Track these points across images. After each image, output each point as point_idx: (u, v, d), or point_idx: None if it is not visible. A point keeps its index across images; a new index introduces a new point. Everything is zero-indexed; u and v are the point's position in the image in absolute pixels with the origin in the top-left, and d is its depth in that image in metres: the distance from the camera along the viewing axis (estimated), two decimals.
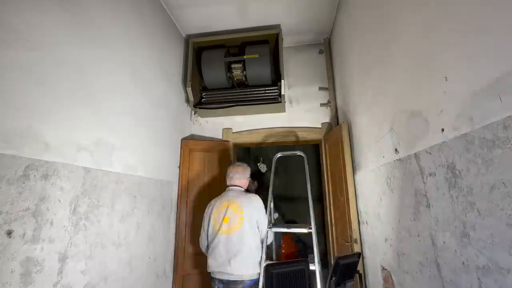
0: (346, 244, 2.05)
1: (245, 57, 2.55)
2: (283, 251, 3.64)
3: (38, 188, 1.10)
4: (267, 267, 1.41)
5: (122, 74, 1.75)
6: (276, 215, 2.95)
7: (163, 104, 2.33)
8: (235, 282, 1.72)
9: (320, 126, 2.75)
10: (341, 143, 2.19)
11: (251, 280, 1.74)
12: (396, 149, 1.35)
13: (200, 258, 2.39)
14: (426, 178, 1.07)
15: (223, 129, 2.86)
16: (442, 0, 0.93)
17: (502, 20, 0.69)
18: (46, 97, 1.18)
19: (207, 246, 1.88)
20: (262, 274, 1.72)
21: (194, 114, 2.89)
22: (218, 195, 2.02)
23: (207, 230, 1.89)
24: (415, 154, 1.14)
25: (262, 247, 1.85)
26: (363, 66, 1.83)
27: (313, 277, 1.62)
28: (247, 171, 2.10)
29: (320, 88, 2.80)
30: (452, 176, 0.90)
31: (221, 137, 2.84)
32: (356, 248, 1.93)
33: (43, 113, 1.16)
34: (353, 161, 2.11)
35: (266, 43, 2.70)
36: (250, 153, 4.59)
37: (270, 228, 1.95)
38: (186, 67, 2.71)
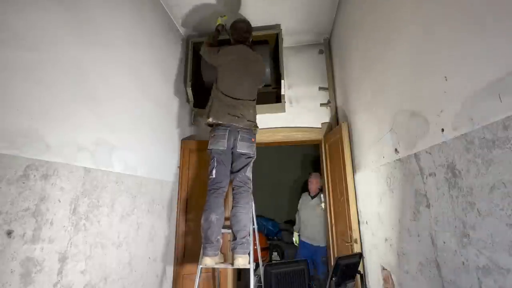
0: (346, 244, 2.05)
1: None
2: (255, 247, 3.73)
3: (38, 188, 1.10)
4: (266, 267, 1.41)
5: (122, 74, 1.75)
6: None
7: (163, 104, 2.33)
8: None
9: (320, 126, 2.75)
10: (341, 143, 2.19)
11: None
12: (396, 149, 1.35)
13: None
14: (426, 178, 1.07)
15: None
16: (443, 0, 0.93)
17: (502, 20, 0.69)
18: (46, 97, 1.18)
19: None
20: (262, 274, 1.72)
21: (194, 114, 2.88)
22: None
23: None
24: (415, 154, 1.14)
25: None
26: (363, 66, 1.83)
27: None
28: None
29: (320, 88, 2.80)
30: (452, 176, 0.90)
31: None
32: (356, 248, 1.93)
33: (43, 113, 1.16)
34: (353, 161, 2.11)
35: (266, 43, 2.70)
36: None
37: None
38: (186, 67, 2.70)
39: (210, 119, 1.94)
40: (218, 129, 1.94)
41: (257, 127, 2.02)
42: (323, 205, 2.98)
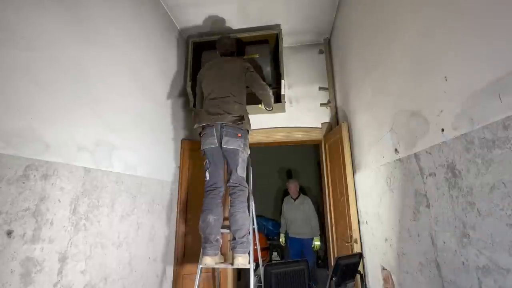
0: (346, 244, 2.05)
1: (245, 57, 2.55)
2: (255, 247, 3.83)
3: (38, 188, 1.10)
4: (266, 267, 1.41)
5: (122, 74, 1.75)
6: None
7: (163, 104, 2.33)
8: None
9: (320, 126, 2.75)
10: (341, 143, 2.19)
11: None
12: (396, 149, 1.35)
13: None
14: (426, 178, 1.07)
15: None
16: (442, 0, 0.93)
17: (502, 20, 0.69)
18: (46, 97, 1.18)
19: None
20: (262, 274, 1.73)
21: (194, 114, 2.88)
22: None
23: None
24: (415, 154, 1.14)
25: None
26: (363, 66, 1.83)
27: None
28: None
29: (320, 88, 2.80)
30: (452, 176, 0.90)
31: None
32: (356, 248, 1.93)
33: (43, 113, 1.16)
34: (353, 161, 2.11)
35: (266, 43, 2.69)
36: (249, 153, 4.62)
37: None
38: (186, 67, 2.70)
39: (195, 126, 2.03)
40: (205, 128, 1.97)
41: (243, 120, 1.97)
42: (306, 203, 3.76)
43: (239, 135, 1.94)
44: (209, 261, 1.81)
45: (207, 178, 1.96)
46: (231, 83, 2.05)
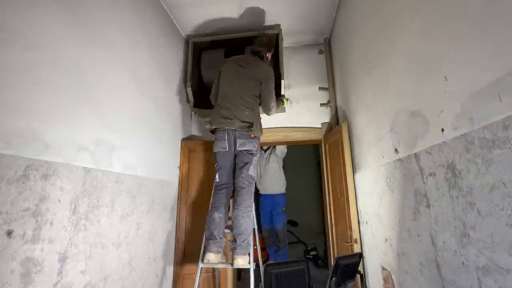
0: (346, 244, 2.05)
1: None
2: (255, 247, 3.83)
3: (38, 188, 1.10)
4: (266, 267, 1.41)
5: (122, 74, 1.75)
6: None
7: (163, 104, 2.33)
8: None
9: (320, 126, 2.75)
10: (341, 143, 2.19)
11: None
12: (396, 149, 1.35)
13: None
14: (426, 178, 1.07)
15: None
16: (443, 0, 0.93)
17: (503, 20, 0.69)
18: (46, 97, 1.18)
19: None
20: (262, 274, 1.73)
21: (194, 114, 2.89)
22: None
23: None
24: (415, 154, 1.14)
25: None
26: (363, 66, 1.83)
27: None
28: None
29: (320, 88, 2.80)
30: (452, 176, 0.90)
31: None
32: (356, 248, 1.93)
33: (43, 113, 1.16)
34: (353, 161, 2.11)
35: None
36: None
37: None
38: (186, 67, 2.70)
39: (207, 126, 2.09)
40: (217, 132, 2.03)
41: (252, 127, 1.96)
42: (274, 156, 3.44)
43: (253, 136, 1.99)
44: (212, 257, 1.80)
45: (217, 180, 2.02)
46: (244, 87, 2.06)
